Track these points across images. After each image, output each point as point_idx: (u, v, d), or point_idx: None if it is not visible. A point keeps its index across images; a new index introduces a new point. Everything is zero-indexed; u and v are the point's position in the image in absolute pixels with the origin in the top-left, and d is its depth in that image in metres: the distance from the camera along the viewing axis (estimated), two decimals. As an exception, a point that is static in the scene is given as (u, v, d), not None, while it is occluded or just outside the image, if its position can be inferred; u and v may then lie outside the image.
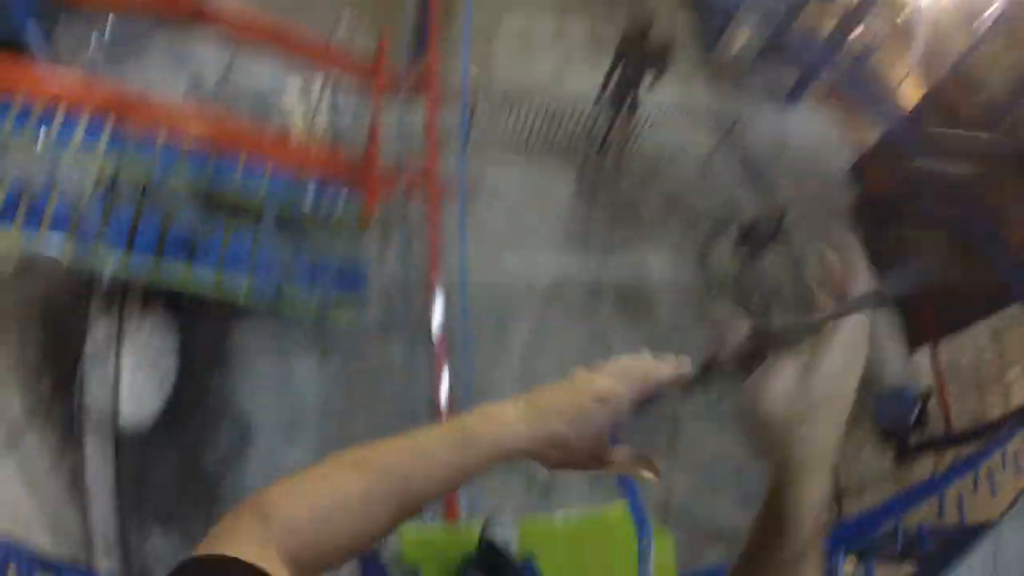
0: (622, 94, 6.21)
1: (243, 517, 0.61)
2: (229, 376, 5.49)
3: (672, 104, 6.46)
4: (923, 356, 7.63)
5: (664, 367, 0.71)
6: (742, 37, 8.60)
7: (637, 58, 6.04)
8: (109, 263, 5.80)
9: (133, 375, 6.06)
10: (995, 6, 8.50)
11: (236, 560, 0.51)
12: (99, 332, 6.20)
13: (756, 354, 0.62)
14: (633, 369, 0.71)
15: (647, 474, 0.73)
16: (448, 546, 2.05)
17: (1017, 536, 4.15)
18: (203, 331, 5.70)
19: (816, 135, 8.34)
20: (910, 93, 9.82)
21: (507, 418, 0.67)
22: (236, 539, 0.56)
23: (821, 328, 0.58)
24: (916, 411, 6.83)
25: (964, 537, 4.19)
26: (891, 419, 6.93)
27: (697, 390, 0.71)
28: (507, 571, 1.88)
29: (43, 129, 5.05)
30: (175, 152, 5.54)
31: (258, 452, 5.37)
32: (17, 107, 5.15)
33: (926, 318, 7.34)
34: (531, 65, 7.14)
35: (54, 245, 5.63)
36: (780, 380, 0.58)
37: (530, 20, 7.61)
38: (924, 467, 7.11)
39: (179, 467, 5.68)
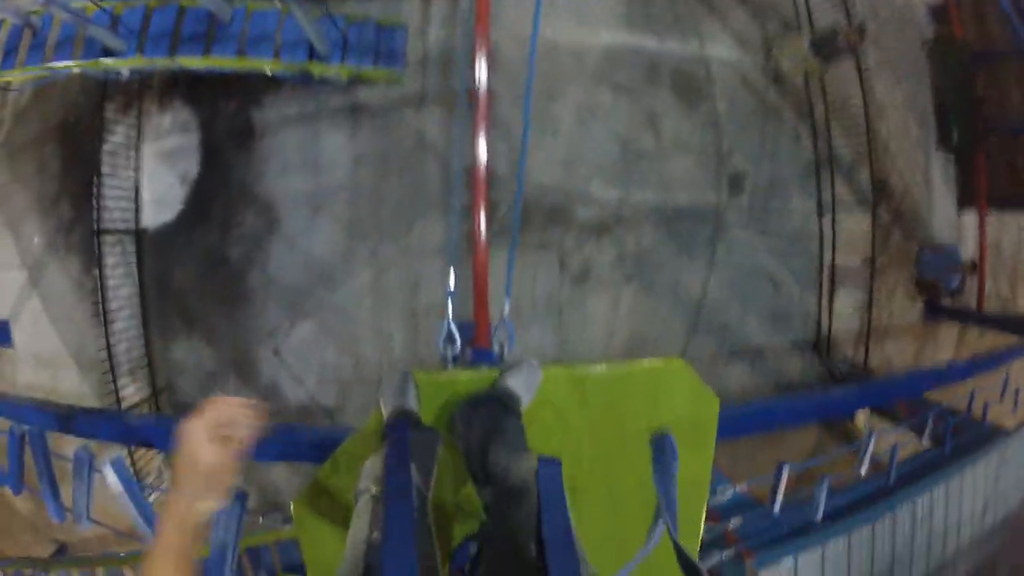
0: None
1: None
2: (253, 160, 5.12)
3: None
4: (971, 221, 7.24)
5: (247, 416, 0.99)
6: None
7: None
8: (123, 65, 5.39)
9: (153, 176, 5.78)
10: None
11: None
12: (117, 139, 5.89)
13: None
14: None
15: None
16: (457, 386, 1.73)
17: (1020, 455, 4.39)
18: (225, 118, 5.30)
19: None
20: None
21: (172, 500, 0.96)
22: None
23: None
24: (960, 275, 6.64)
25: (981, 436, 4.37)
26: (933, 273, 6.75)
27: None
28: (506, 424, 1.52)
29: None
30: None
31: (283, 239, 5.05)
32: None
33: (981, 182, 7.04)
34: None
35: (60, 64, 5.25)
36: None
37: None
38: (947, 337, 7.02)
39: (202, 265, 5.46)
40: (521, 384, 1.69)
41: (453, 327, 1.96)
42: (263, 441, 1.03)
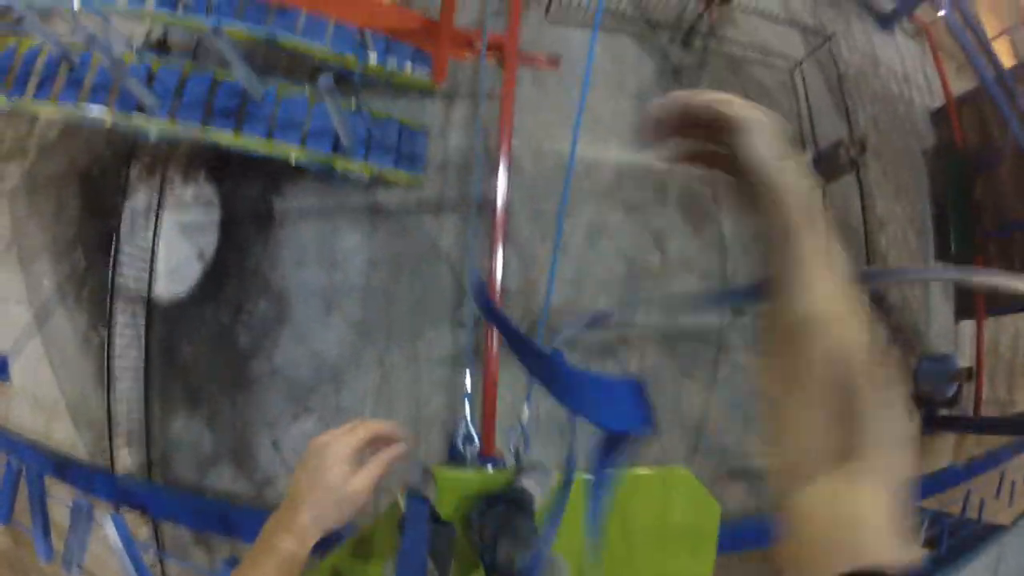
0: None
1: None
2: (271, 247, 5.22)
3: (767, 6, 5.89)
4: (968, 329, 7.40)
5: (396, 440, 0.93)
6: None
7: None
8: (153, 127, 5.55)
9: (171, 246, 5.87)
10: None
11: None
12: (138, 201, 6.00)
13: None
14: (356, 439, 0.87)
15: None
16: (472, 484, 1.80)
17: (1019, 551, 4.30)
18: (246, 202, 5.42)
19: (906, 68, 7.67)
20: (1001, 51, 9.09)
21: (282, 525, 0.81)
22: None
23: None
24: (956, 384, 6.67)
25: (977, 535, 4.36)
26: (929, 384, 6.77)
27: None
28: (519, 522, 1.60)
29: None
30: (233, 2, 5.21)
31: (293, 331, 5.14)
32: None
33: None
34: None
35: (95, 110, 5.39)
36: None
37: None
38: (944, 445, 7.05)
39: (210, 345, 5.52)
40: (535, 485, 1.76)
41: (472, 427, 2.02)
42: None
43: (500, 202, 4.09)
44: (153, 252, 5.92)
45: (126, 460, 5.68)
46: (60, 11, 6.02)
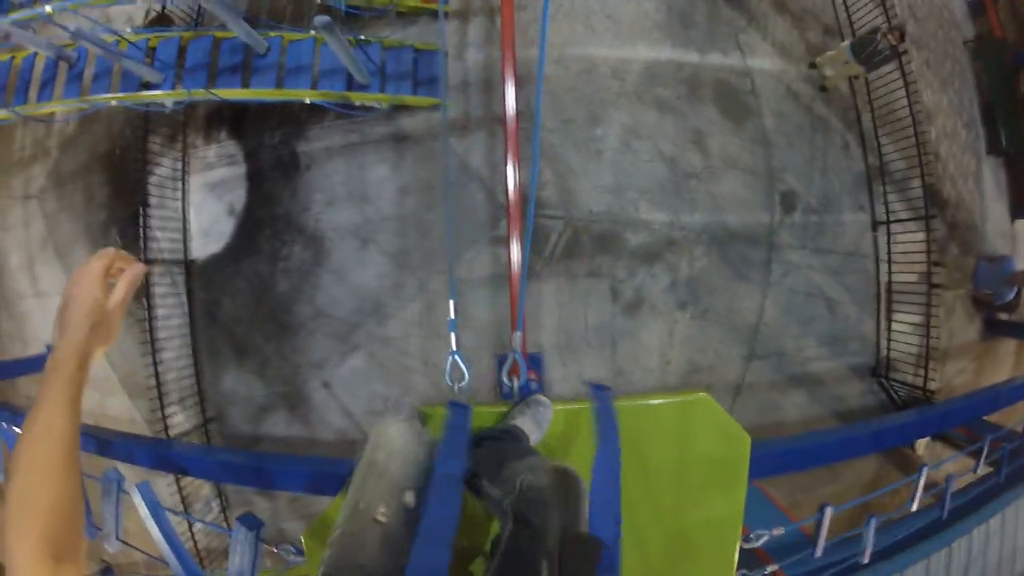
0: None
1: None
2: (300, 192, 5.15)
3: None
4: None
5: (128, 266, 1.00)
6: None
7: None
8: (163, 97, 5.49)
9: (200, 207, 5.87)
10: None
11: None
12: (163, 171, 6.00)
13: None
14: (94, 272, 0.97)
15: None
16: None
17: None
18: (270, 150, 5.35)
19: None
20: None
21: (57, 353, 0.91)
22: None
23: None
24: (1015, 288, 6.32)
25: None
26: (988, 286, 6.46)
27: None
28: (506, 446, 1.52)
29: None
30: None
31: (331, 271, 5.07)
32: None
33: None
34: None
35: (99, 97, 5.35)
36: None
37: None
38: (1006, 352, 6.72)
39: (251, 296, 5.50)
40: (528, 422, 1.67)
41: (460, 360, 1.90)
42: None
43: (510, 113, 3.88)
44: (184, 217, 5.94)
45: (182, 423, 5.75)
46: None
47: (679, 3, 5.12)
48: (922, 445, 5.97)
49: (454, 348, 1.96)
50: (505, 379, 1.92)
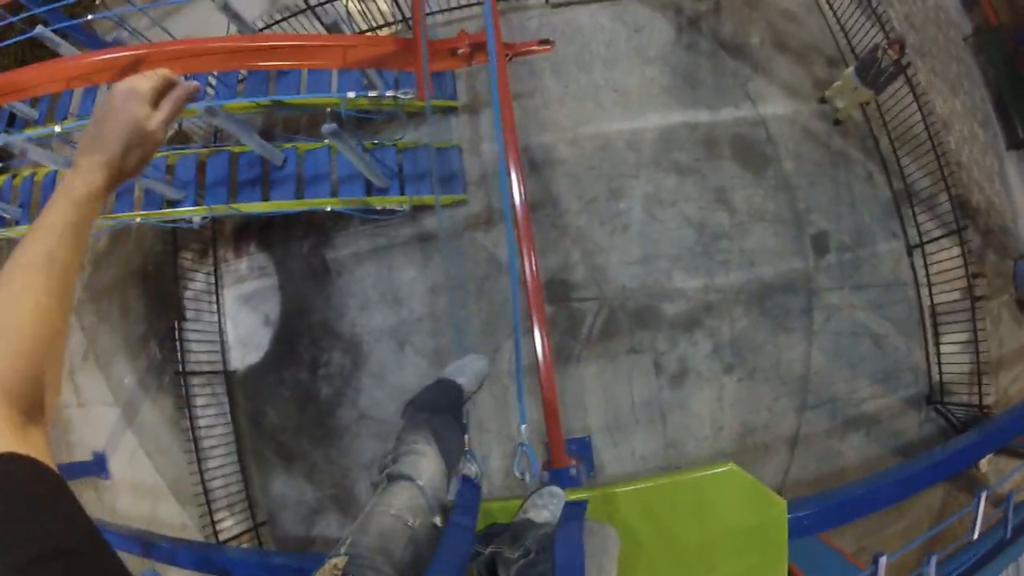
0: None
1: None
2: (333, 299, 5.24)
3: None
4: None
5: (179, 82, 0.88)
6: None
7: None
8: (189, 213, 5.64)
9: (237, 319, 5.99)
10: None
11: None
12: (197, 285, 6.15)
13: None
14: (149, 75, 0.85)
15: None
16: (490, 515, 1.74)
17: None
18: (300, 259, 5.46)
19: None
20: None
21: (75, 171, 0.79)
22: None
23: None
24: None
25: None
26: None
27: None
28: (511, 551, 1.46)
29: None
30: (231, 81, 5.27)
31: (371, 374, 5.12)
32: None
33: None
34: None
35: (123, 214, 5.53)
36: None
37: None
38: None
39: (295, 404, 5.56)
40: (545, 516, 1.66)
41: (529, 452, 1.87)
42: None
43: (518, 200, 3.84)
44: (220, 328, 6.06)
45: (232, 527, 5.81)
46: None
47: (682, 64, 5.15)
48: (985, 463, 5.78)
49: (524, 441, 1.94)
50: (516, 472, 1.88)
